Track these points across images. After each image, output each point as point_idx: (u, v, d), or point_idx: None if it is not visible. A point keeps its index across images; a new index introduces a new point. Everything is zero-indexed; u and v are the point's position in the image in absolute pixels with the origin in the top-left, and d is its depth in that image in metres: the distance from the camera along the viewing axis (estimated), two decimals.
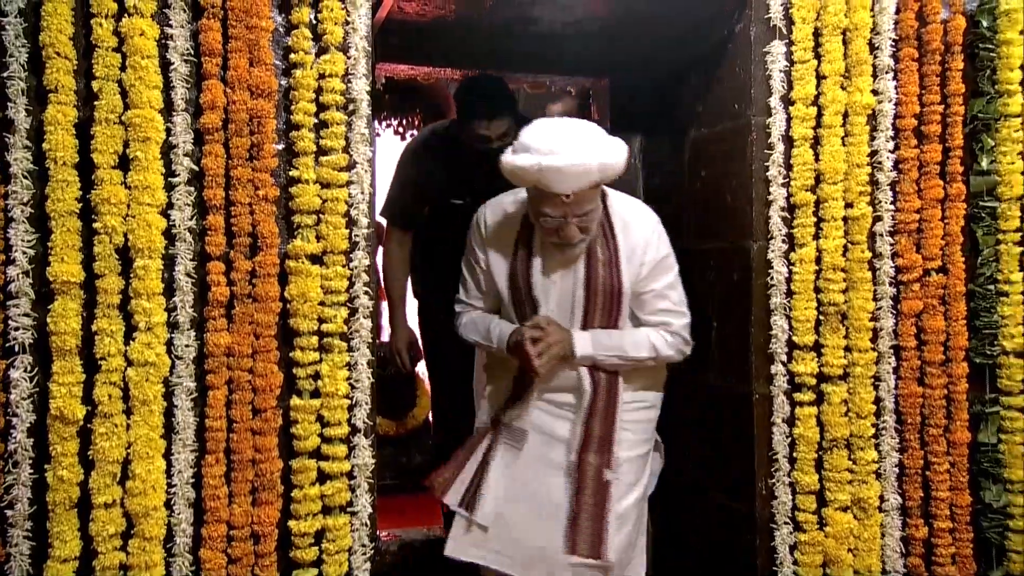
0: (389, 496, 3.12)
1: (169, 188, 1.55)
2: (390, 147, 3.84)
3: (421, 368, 3.62)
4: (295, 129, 1.62)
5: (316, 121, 1.64)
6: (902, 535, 1.88)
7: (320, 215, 1.64)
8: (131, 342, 1.51)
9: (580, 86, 2.89)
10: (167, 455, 1.54)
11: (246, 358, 1.59)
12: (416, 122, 3.81)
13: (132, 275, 1.51)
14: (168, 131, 1.55)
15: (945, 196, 1.92)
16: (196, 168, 1.57)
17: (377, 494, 1.78)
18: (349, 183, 1.66)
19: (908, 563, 1.87)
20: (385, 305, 2.67)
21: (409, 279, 2.58)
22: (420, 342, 2.56)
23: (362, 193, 1.67)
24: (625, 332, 1.76)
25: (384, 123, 3.82)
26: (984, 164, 1.93)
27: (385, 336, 4.88)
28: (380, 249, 2.52)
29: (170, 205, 1.55)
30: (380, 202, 2.23)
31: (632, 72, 2.60)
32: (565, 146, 1.56)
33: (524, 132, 1.64)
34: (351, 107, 1.66)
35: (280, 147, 1.63)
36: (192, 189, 1.57)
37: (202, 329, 1.58)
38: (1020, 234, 1.92)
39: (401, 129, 3.84)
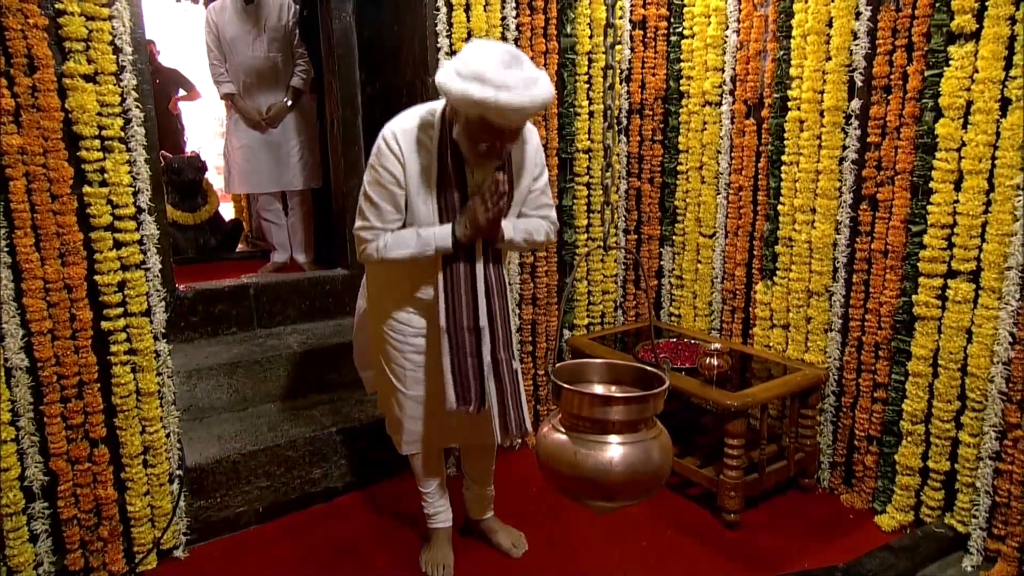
0: (190, 265, 4.07)
1: None
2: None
3: (211, 176, 4.47)
4: None
5: None
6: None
7: (88, 43, 1.98)
8: None
9: None
10: None
11: (39, 156, 1.95)
12: None
13: None
14: None
15: (547, 50, 2.71)
16: None
17: (175, 262, 2.25)
18: (111, 17, 2.00)
19: None
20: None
21: None
22: None
23: (123, 26, 2.03)
24: (527, 220, 1.95)
25: None
26: (568, 31, 2.74)
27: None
28: None
29: None
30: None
31: None
32: (517, 82, 1.53)
33: (470, 55, 1.58)
34: None
35: None
36: None
37: None
38: (588, 77, 2.82)
39: None
